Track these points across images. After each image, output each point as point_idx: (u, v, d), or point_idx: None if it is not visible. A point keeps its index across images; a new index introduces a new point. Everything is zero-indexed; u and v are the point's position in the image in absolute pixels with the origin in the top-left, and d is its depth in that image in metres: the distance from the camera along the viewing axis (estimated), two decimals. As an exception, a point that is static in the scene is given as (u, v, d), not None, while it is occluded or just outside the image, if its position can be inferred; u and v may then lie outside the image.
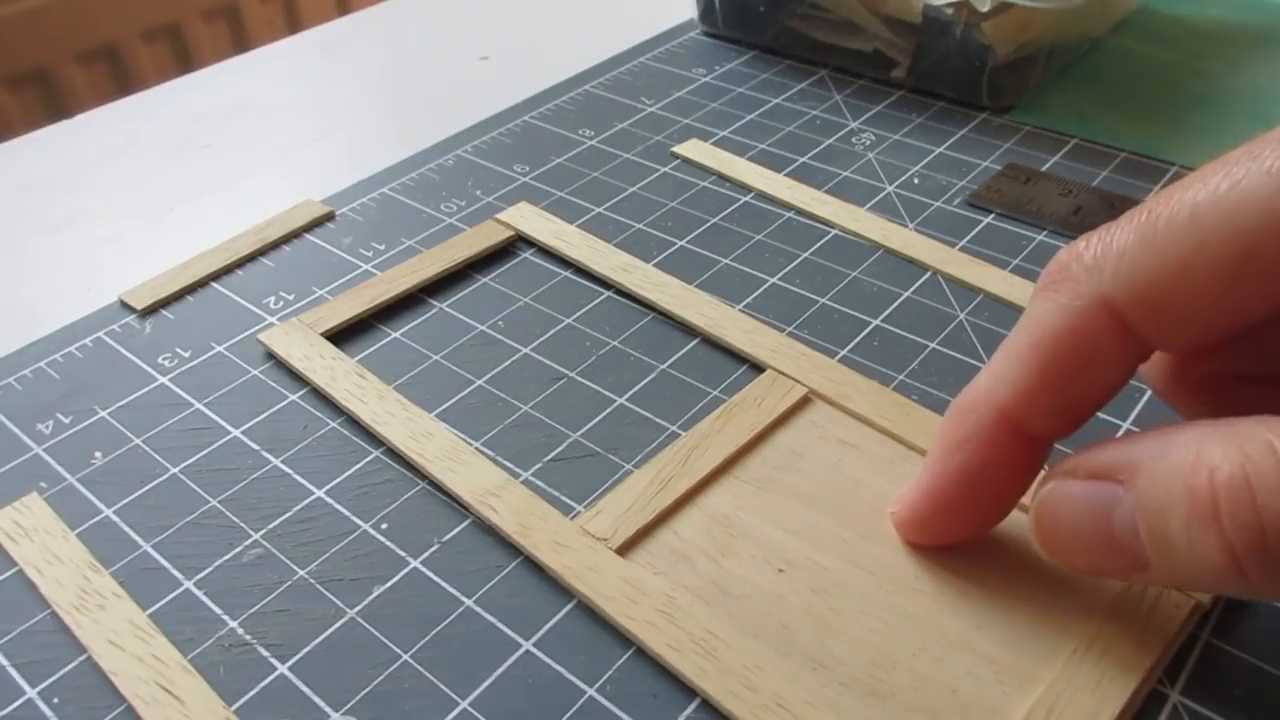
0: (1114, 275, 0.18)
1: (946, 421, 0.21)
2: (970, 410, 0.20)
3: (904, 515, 0.22)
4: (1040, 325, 0.19)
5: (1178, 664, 0.20)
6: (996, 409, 0.20)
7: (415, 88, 0.44)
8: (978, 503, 0.21)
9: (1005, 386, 0.20)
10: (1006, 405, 0.20)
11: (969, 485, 0.21)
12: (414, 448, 0.25)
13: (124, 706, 0.20)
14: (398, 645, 0.21)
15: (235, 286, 0.32)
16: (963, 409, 0.20)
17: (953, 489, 0.21)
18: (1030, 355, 0.19)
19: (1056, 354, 0.19)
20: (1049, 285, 0.19)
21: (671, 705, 0.20)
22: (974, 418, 0.20)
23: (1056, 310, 0.19)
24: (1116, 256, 0.18)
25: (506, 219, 0.33)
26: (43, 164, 0.39)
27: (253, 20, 1.05)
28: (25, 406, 0.27)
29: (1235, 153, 0.17)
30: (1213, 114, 0.39)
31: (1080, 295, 0.18)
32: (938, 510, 0.21)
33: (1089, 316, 0.18)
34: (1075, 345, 0.19)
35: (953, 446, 0.20)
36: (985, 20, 0.38)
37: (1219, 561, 0.16)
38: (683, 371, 0.28)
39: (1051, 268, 0.19)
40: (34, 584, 0.22)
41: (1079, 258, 0.19)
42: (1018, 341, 0.19)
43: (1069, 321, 0.19)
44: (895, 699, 0.20)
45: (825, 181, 0.36)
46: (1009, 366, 0.20)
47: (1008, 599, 0.21)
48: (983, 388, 0.20)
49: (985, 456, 0.20)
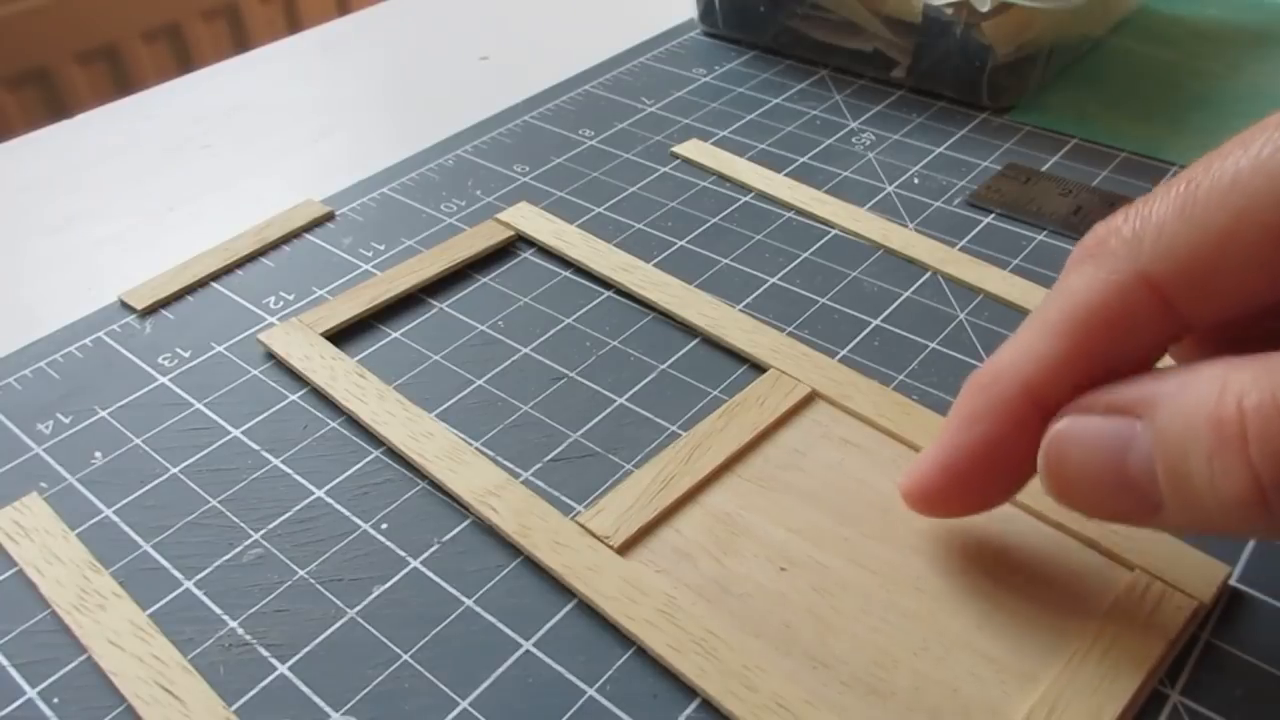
0: (1153, 247, 0.17)
1: (965, 394, 0.20)
2: (992, 383, 0.19)
3: (914, 486, 0.21)
4: (1074, 298, 0.18)
5: (1178, 664, 0.20)
6: (1021, 383, 0.19)
7: (415, 88, 0.44)
8: (992, 478, 0.20)
9: (1032, 360, 0.19)
10: (1032, 379, 0.19)
11: (985, 459, 0.20)
12: (414, 448, 0.25)
13: (124, 706, 0.20)
14: (398, 645, 0.21)
15: (235, 286, 0.32)
16: (983, 382, 0.20)
17: (968, 462, 0.20)
18: (1062, 329, 0.18)
19: (1090, 328, 0.18)
20: (1084, 258, 0.18)
21: (671, 705, 0.20)
22: (995, 390, 0.19)
23: (1093, 283, 0.18)
24: (1156, 228, 0.17)
25: (506, 219, 0.33)
26: (43, 164, 0.39)
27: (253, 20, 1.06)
28: (25, 406, 0.27)
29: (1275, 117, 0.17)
30: (1213, 114, 0.39)
31: (1118, 269, 0.18)
32: (950, 483, 0.21)
33: (1127, 290, 0.18)
34: (1111, 319, 0.18)
35: (970, 419, 0.20)
36: (985, 20, 0.38)
37: (1242, 495, 0.15)
38: (683, 371, 0.28)
39: (1087, 240, 0.19)
40: (34, 584, 0.22)
41: (1117, 231, 0.18)
42: (1047, 314, 0.19)
43: (1105, 295, 0.18)
44: (896, 698, 0.20)
45: (825, 181, 0.36)
46: (1037, 340, 0.19)
47: (1009, 599, 0.21)
48: (1006, 361, 0.19)
49: (1005, 431, 0.19)
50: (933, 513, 0.22)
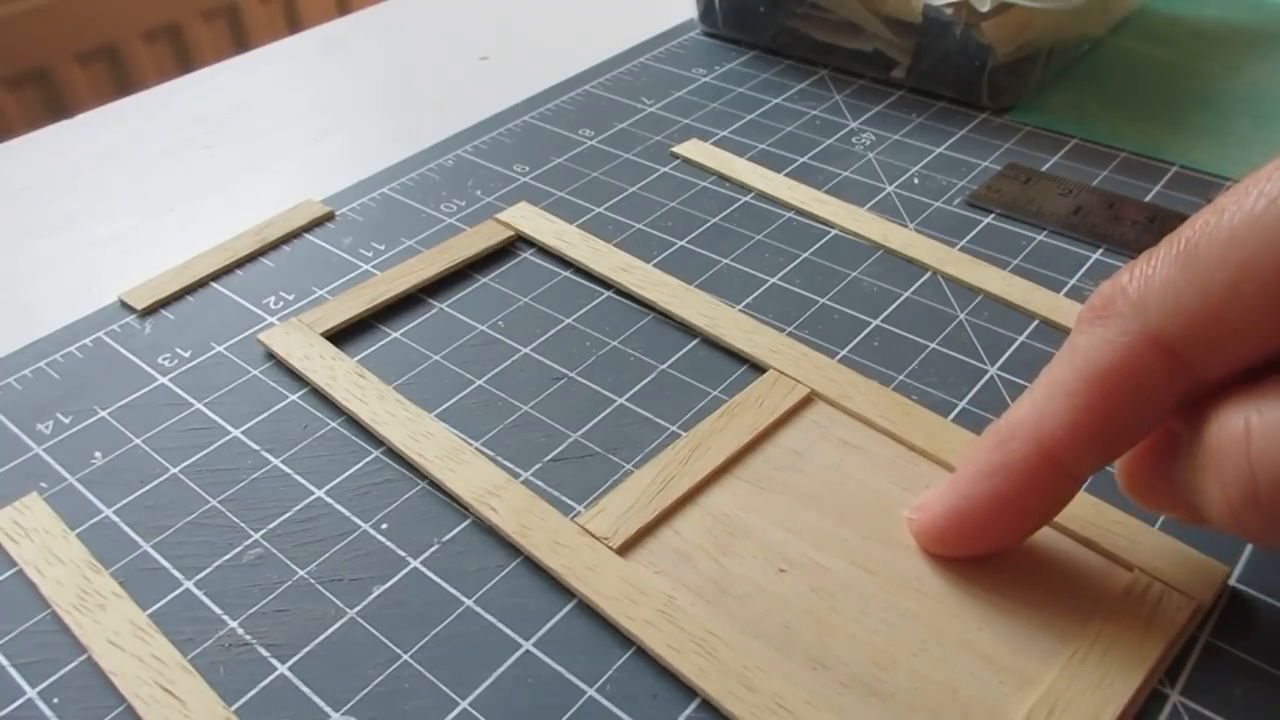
0: (1160, 309, 0.18)
1: (982, 445, 0.21)
2: (1009, 439, 0.20)
3: (926, 527, 0.22)
4: (1087, 362, 0.19)
5: (1178, 664, 0.20)
6: (1037, 442, 0.19)
7: (415, 88, 0.44)
8: (1003, 528, 0.21)
9: (1047, 421, 0.19)
10: (1047, 440, 0.19)
11: (998, 512, 0.21)
12: (414, 448, 0.25)
13: (124, 706, 0.20)
14: (398, 645, 0.21)
15: (235, 286, 0.32)
16: (1001, 435, 0.20)
17: (981, 514, 0.21)
18: (1076, 392, 0.19)
19: (1103, 390, 0.18)
20: (1094, 320, 0.19)
21: (671, 705, 0.20)
22: (1012, 447, 0.20)
23: (1104, 346, 0.18)
24: (1160, 290, 0.18)
25: (506, 219, 0.33)
26: (43, 164, 0.39)
27: (253, 20, 1.05)
28: (25, 406, 0.27)
29: (1266, 169, 0.17)
30: (1213, 114, 0.39)
31: (1127, 331, 0.18)
32: (961, 531, 0.21)
33: (1138, 353, 0.18)
34: (1123, 381, 0.18)
35: (987, 472, 0.20)
36: (985, 20, 0.38)
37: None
38: (683, 371, 0.28)
39: (1095, 301, 0.19)
40: (34, 584, 0.22)
41: (1122, 292, 0.18)
42: (1062, 376, 0.19)
43: (1117, 359, 0.18)
44: (896, 699, 0.20)
45: (825, 181, 0.36)
46: (1052, 401, 0.19)
47: (1009, 600, 0.21)
48: (1022, 418, 0.20)
49: (1020, 487, 0.20)
50: (940, 553, 0.22)
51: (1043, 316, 0.29)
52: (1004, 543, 0.22)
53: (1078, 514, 0.22)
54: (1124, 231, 0.32)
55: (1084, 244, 0.32)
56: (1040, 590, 0.21)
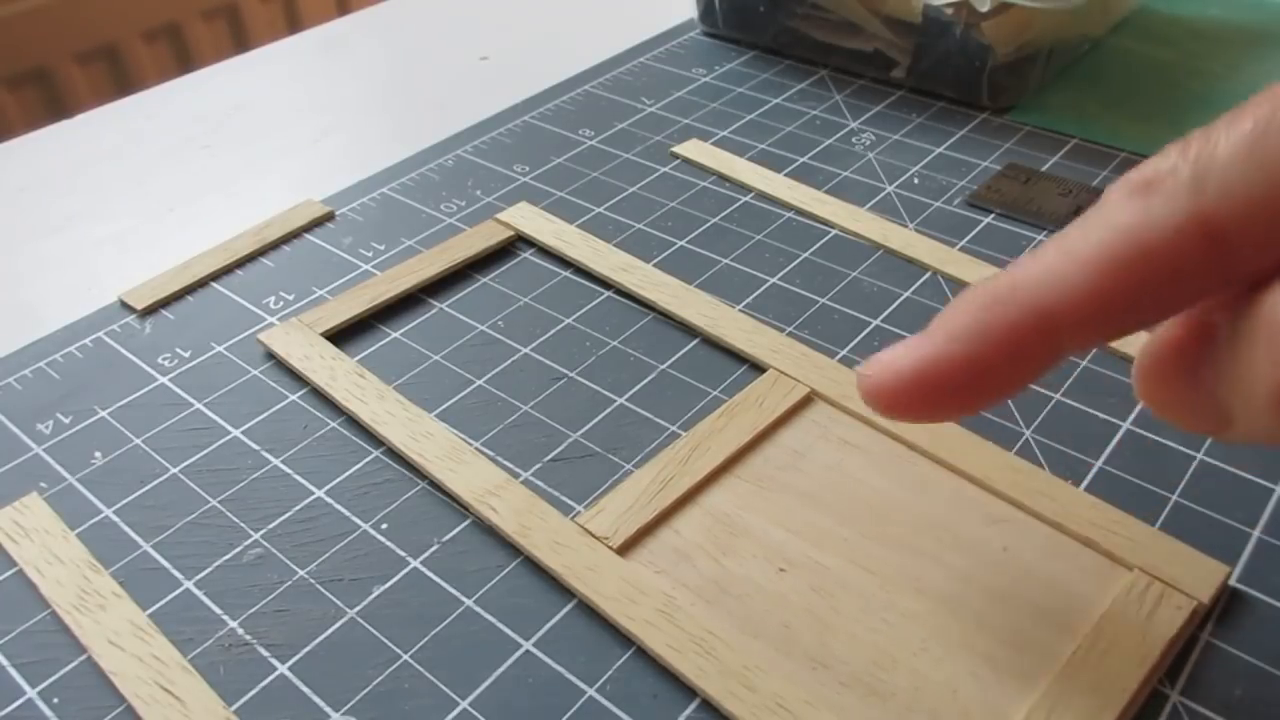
0: (1219, 189, 0.16)
1: (965, 304, 0.18)
2: (1001, 302, 0.18)
3: (881, 385, 0.19)
4: (1118, 234, 0.17)
5: (1178, 664, 0.20)
6: (1037, 308, 0.17)
7: (415, 88, 0.44)
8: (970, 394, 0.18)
9: (1054, 287, 0.17)
10: (1052, 307, 0.17)
11: (971, 377, 0.18)
12: (414, 448, 0.25)
13: (124, 706, 0.20)
14: (398, 645, 0.21)
15: (235, 286, 0.32)
16: (992, 296, 0.18)
17: (952, 378, 0.18)
18: (1099, 263, 0.17)
19: (1132, 264, 0.17)
20: (1135, 192, 0.17)
21: (671, 705, 0.20)
22: (1004, 310, 0.18)
23: (1144, 220, 0.17)
24: (1224, 170, 0.16)
25: (506, 219, 0.33)
26: (43, 164, 0.39)
27: (253, 20, 1.05)
28: (25, 406, 0.27)
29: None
30: (1213, 114, 0.39)
31: (1176, 209, 0.16)
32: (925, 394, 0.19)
33: (1183, 232, 0.16)
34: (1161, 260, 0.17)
35: (969, 333, 0.18)
36: (985, 20, 0.38)
37: None
38: (683, 371, 0.28)
39: (1135, 176, 0.17)
40: (34, 584, 0.22)
41: (1174, 171, 0.17)
42: (1082, 245, 0.17)
43: (1157, 234, 0.17)
44: (896, 699, 0.20)
45: (825, 181, 0.36)
46: (1066, 266, 0.17)
47: (1009, 599, 0.21)
48: (1023, 279, 0.18)
49: (1004, 353, 0.18)
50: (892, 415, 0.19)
51: (1043, 316, 0.29)
52: (964, 410, 0.19)
53: (1078, 513, 0.22)
54: (1124, 231, 0.32)
55: (1084, 244, 0.32)
56: (1040, 590, 0.21)
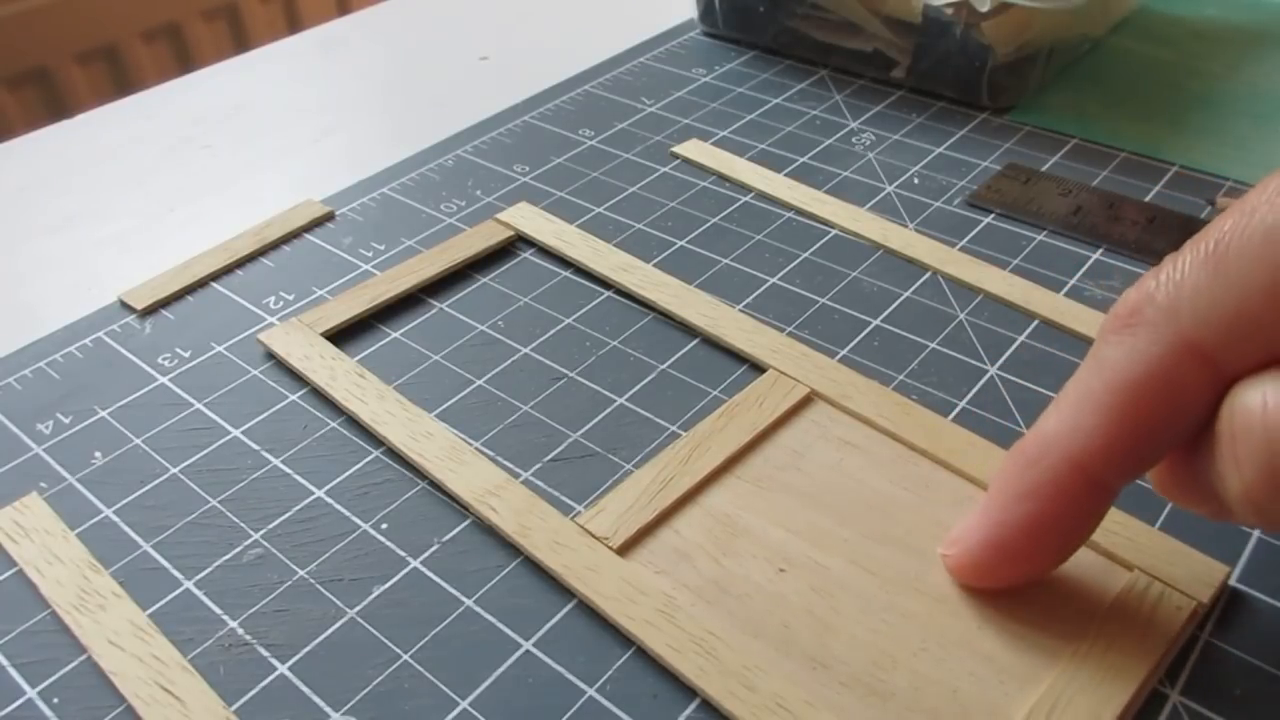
0: (1193, 314, 0.17)
1: (1010, 468, 0.20)
2: (1039, 459, 0.19)
3: (963, 561, 0.21)
4: (1116, 373, 0.18)
5: (1178, 664, 0.20)
6: (1069, 459, 0.19)
7: (415, 88, 0.44)
8: (1043, 553, 0.20)
9: (1079, 436, 0.19)
10: (1081, 456, 0.19)
11: (1035, 535, 0.20)
12: (414, 448, 0.25)
13: (124, 706, 0.20)
14: (398, 645, 0.21)
15: (235, 286, 0.32)
16: (1030, 456, 0.20)
17: (1018, 539, 0.20)
18: (1109, 405, 0.18)
19: (1138, 401, 0.18)
20: (1121, 329, 0.18)
21: (671, 705, 0.20)
22: (1044, 466, 0.19)
23: (1135, 356, 0.18)
24: (1192, 294, 0.17)
25: (507, 219, 0.33)
26: (43, 164, 0.39)
27: (253, 20, 1.05)
28: (25, 406, 0.27)
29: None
30: (1213, 114, 0.39)
31: (1159, 339, 0.18)
32: (999, 560, 0.21)
33: (1173, 361, 0.17)
34: (1158, 391, 0.18)
35: (1019, 495, 0.20)
36: (985, 20, 0.38)
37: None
38: (683, 371, 0.28)
39: (1120, 310, 0.18)
40: (34, 584, 0.22)
41: (1150, 299, 0.18)
42: (1090, 389, 0.19)
43: (1150, 369, 0.18)
44: (895, 699, 0.20)
45: (825, 181, 0.36)
46: (1082, 415, 0.19)
47: (1009, 599, 0.21)
48: (1052, 435, 0.19)
49: (1055, 508, 0.19)
50: (981, 585, 0.22)
51: (1043, 316, 0.29)
52: (1044, 567, 0.21)
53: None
54: (1124, 231, 0.32)
55: (1084, 244, 0.32)
56: (1040, 590, 0.21)
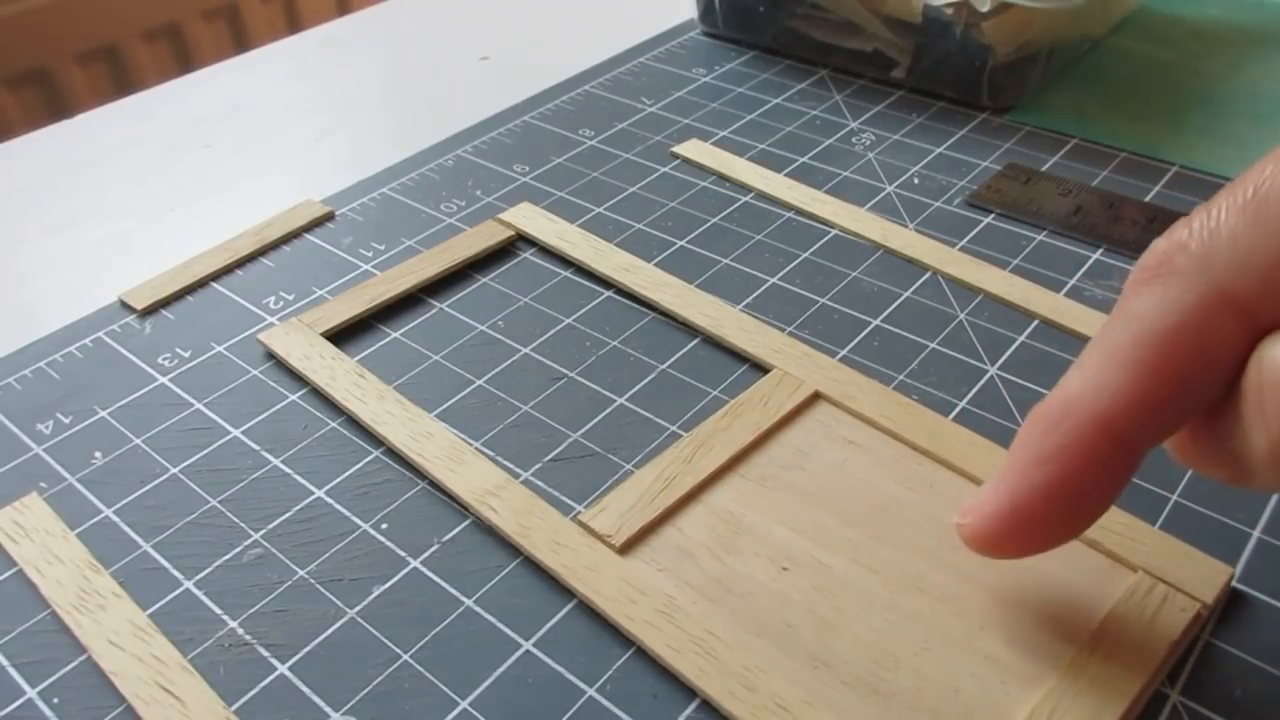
0: (1229, 262, 0.16)
1: (1030, 432, 0.19)
2: (1061, 419, 0.18)
3: (979, 530, 0.20)
4: (1146, 324, 0.17)
5: (1178, 664, 0.20)
6: (1095, 418, 0.18)
7: (415, 88, 0.44)
8: (1065, 517, 0.19)
9: (1105, 394, 0.17)
10: (1107, 415, 0.17)
11: (1059, 500, 0.19)
12: (414, 448, 0.25)
13: (124, 706, 0.20)
14: (398, 645, 0.21)
15: (235, 286, 0.32)
16: (1051, 419, 0.18)
17: (1039, 506, 0.19)
18: (1137, 358, 0.17)
19: (1169, 354, 0.17)
20: (1149, 280, 0.17)
21: (671, 705, 0.20)
22: (1067, 427, 0.18)
23: (1165, 307, 0.17)
24: (1229, 241, 0.16)
25: (508, 219, 0.33)
26: (43, 164, 0.39)
27: (253, 20, 1.05)
28: (25, 406, 0.27)
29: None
30: (1213, 114, 0.39)
31: (1192, 288, 0.17)
32: (1020, 526, 0.19)
33: (1206, 311, 0.17)
34: (1191, 345, 0.17)
35: (1040, 460, 0.18)
36: (985, 20, 0.38)
37: None
38: (683, 371, 0.28)
39: (1148, 260, 0.17)
40: (34, 584, 0.22)
41: (1183, 248, 0.17)
42: (1117, 343, 0.17)
43: (1182, 318, 0.17)
44: (897, 698, 0.20)
45: (825, 181, 0.36)
46: (1109, 371, 0.17)
47: (1012, 600, 0.21)
48: (1075, 395, 0.18)
49: (1080, 470, 0.18)
50: (996, 555, 0.20)
51: (1043, 316, 0.29)
52: (1063, 536, 0.20)
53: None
54: (1124, 231, 0.32)
55: (1084, 244, 0.32)
56: (1043, 590, 0.21)
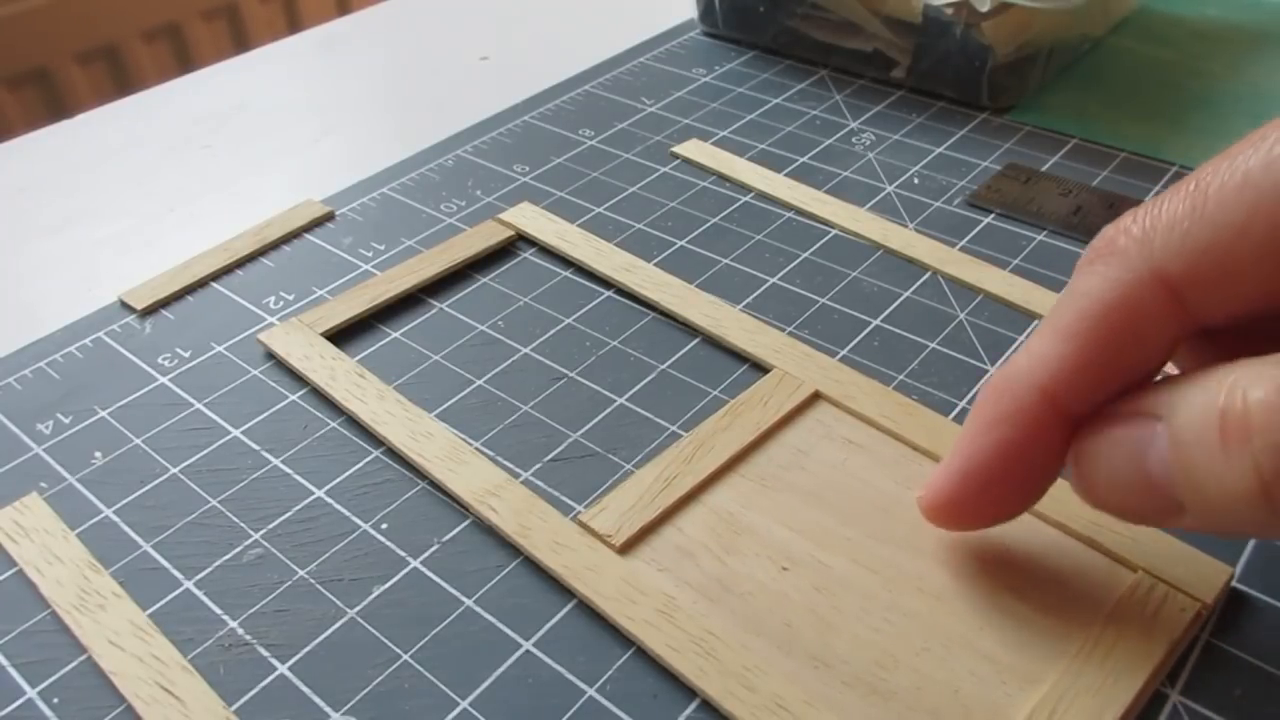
0: (1165, 246, 0.18)
1: (982, 400, 0.20)
2: (1007, 388, 0.19)
3: (934, 498, 0.21)
4: (1087, 300, 0.18)
5: (1178, 664, 0.20)
6: (1037, 386, 0.19)
7: (415, 88, 0.44)
8: (1012, 484, 0.20)
9: (1047, 364, 0.19)
10: (1047, 382, 0.19)
11: (1004, 464, 0.20)
12: (414, 448, 0.25)
13: (124, 706, 0.20)
14: (398, 645, 0.21)
15: (235, 286, 0.32)
16: (999, 388, 0.20)
17: (987, 469, 0.20)
18: (1075, 331, 0.19)
19: (1104, 329, 0.18)
20: (1094, 260, 0.19)
21: (671, 705, 0.20)
22: (1011, 394, 0.19)
23: (1105, 284, 0.18)
24: (1167, 227, 0.18)
25: (509, 219, 0.33)
26: (43, 164, 0.39)
27: (253, 20, 1.05)
28: (25, 406, 0.27)
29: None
30: (1213, 114, 0.39)
31: (1130, 268, 0.18)
32: (971, 492, 0.20)
33: (1140, 289, 0.18)
34: (1124, 319, 0.18)
35: (988, 424, 0.20)
36: (985, 20, 0.38)
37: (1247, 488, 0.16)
38: (683, 371, 0.28)
39: (1096, 243, 0.19)
40: (34, 584, 0.22)
41: (1126, 230, 0.18)
42: (1060, 318, 0.19)
43: (1118, 295, 0.18)
44: (897, 698, 0.20)
45: (825, 181, 0.36)
46: (1051, 343, 0.19)
47: (1012, 599, 0.21)
48: (1022, 365, 0.19)
49: (1023, 435, 0.19)
50: (954, 524, 0.21)
51: (1043, 316, 0.29)
52: (1014, 504, 0.21)
53: (1081, 514, 0.22)
54: (1124, 231, 0.32)
55: (1084, 244, 0.32)
56: (1043, 590, 0.21)
